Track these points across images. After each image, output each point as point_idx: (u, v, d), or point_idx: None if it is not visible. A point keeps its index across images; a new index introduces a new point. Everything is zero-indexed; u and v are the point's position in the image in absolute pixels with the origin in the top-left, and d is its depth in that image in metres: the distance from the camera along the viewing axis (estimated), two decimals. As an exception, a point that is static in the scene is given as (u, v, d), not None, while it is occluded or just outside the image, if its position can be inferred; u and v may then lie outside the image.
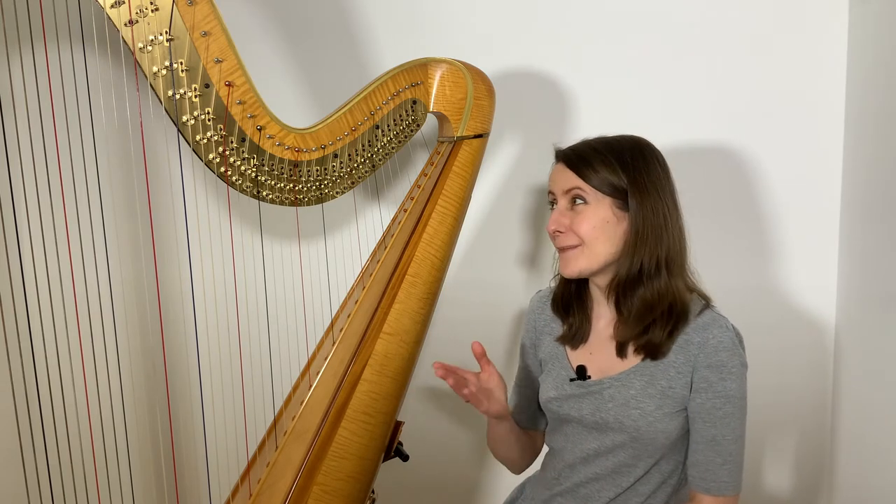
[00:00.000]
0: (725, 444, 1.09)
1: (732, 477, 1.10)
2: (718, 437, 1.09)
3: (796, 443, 1.54)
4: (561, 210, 1.14)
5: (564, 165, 1.14)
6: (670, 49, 1.49)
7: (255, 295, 1.49)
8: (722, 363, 1.08)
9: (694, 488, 1.12)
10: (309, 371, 1.23)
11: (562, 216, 1.13)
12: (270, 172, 1.16)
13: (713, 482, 1.10)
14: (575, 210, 1.13)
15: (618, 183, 1.11)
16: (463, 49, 1.43)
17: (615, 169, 1.11)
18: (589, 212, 1.12)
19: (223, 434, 1.46)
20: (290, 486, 1.11)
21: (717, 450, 1.09)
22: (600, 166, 1.11)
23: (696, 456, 1.11)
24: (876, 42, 1.31)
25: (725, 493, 1.10)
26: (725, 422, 1.08)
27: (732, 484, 1.10)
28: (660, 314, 1.11)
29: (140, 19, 0.99)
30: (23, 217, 1.20)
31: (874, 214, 1.32)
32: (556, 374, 1.21)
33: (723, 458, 1.09)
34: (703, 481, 1.10)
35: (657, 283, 1.11)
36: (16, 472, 1.24)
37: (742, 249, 1.51)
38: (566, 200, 1.14)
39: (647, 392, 1.10)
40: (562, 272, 1.16)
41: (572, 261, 1.13)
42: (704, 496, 1.10)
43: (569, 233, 1.12)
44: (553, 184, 1.17)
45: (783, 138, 1.46)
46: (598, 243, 1.11)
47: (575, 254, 1.13)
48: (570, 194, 1.13)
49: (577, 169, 1.12)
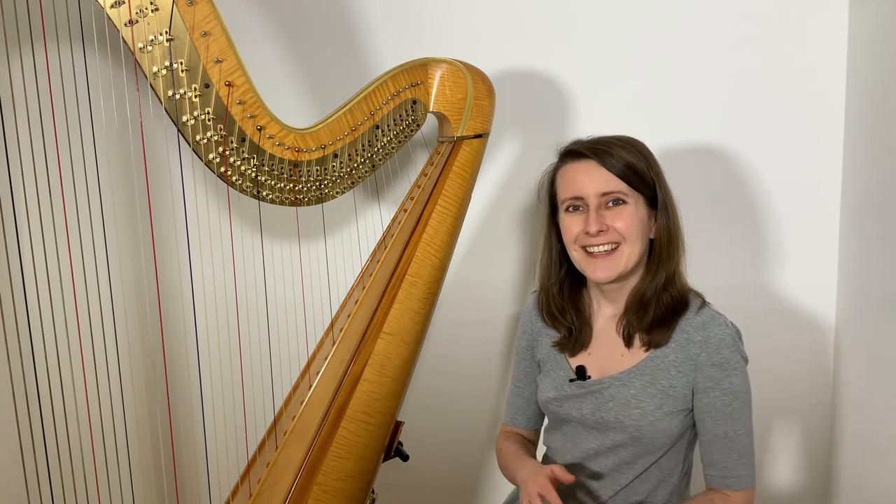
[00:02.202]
0: (738, 440, 1.09)
1: (749, 469, 1.11)
2: (731, 433, 1.09)
3: (797, 442, 1.54)
4: (596, 210, 1.10)
5: (597, 164, 1.10)
6: (670, 49, 1.49)
7: (255, 295, 1.49)
8: (725, 360, 1.08)
9: (716, 486, 1.12)
10: (309, 371, 1.23)
11: (599, 216, 1.10)
12: (270, 172, 1.16)
13: (733, 478, 1.10)
14: (611, 209, 1.10)
15: (649, 180, 1.11)
16: (463, 49, 1.43)
17: (645, 166, 1.11)
18: (629, 210, 1.10)
19: (223, 434, 1.46)
20: (290, 486, 1.11)
21: (731, 446, 1.10)
22: (635, 162, 1.10)
23: (712, 455, 1.11)
24: (876, 42, 1.31)
25: (745, 486, 1.11)
26: (735, 417, 1.09)
27: (750, 476, 1.11)
28: (668, 308, 1.12)
29: (140, 19, 0.99)
30: (23, 217, 1.20)
31: (874, 215, 1.32)
32: (555, 375, 1.20)
33: (738, 453, 1.10)
34: (724, 479, 1.11)
35: (676, 286, 1.13)
36: (16, 472, 1.24)
37: (743, 250, 1.51)
38: (601, 201, 1.10)
39: (647, 391, 1.10)
40: (596, 276, 1.12)
41: (612, 263, 1.10)
42: (729, 493, 1.11)
43: (610, 231, 1.10)
44: (581, 186, 1.11)
45: (783, 139, 1.46)
46: (636, 242, 1.11)
47: (615, 256, 1.10)
48: (608, 197, 1.10)
49: (613, 168, 1.09)
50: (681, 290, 1.13)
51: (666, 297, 1.12)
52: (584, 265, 1.13)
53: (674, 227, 1.13)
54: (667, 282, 1.12)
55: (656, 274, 1.12)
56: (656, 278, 1.12)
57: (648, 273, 1.14)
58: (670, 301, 1.12)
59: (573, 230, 1.12)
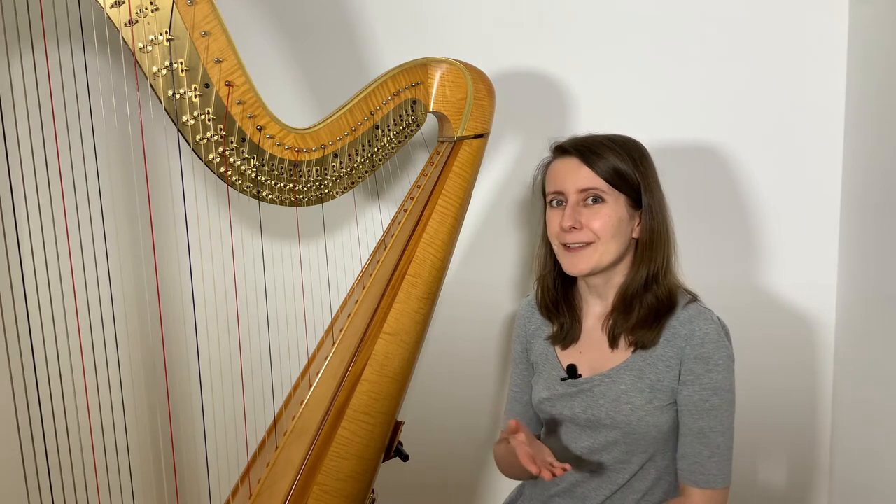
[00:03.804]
0: (713, 437, 1.09)
1: (721, 469, 1.10)
2: (706, 429, 1.09)
3: (795, 441, 1.54)
4: (574, 206, 1.12)
5: (580, 161, 1.12)
6: (670, 49, 1.49)
7: (255, 295, 1.49)
8: (708, 355, 1.08)
9: (683, 481, 1.12)
10: (309, 371, 1.23)
11: (576, 213, 1.12)
12: (270, 172, 1.16)
13: (701, 475, 1.10)
14: (589, 207, 1.12)
15: (633, 181, 1.11)
16: (463, 49, 1.43)
17: (630, 167, 1.11)
18: (606, 210, 1.11)
19: (223, 434, 1.46)
20: (290, 486, 1.11)
21: (704, 442, 1.09)
22: (619, 164, 1.11)
23: (684, 448, 1.11)
24: (876, 42, 1.31)
25: (713, 486, 1.10)
26: (712, 414, 1.09)
27: (721, 476, 1.10)
28: (652, 309, 1.12)
29: (140, 19, 0.99)
30: (23, 217, 1.20)
31: (874, 214, 1.32)
32: (548, 375, 1.21)
33: (710, 450, 1.09)
34: (692, 474, 1.10)
35: (663, 286, 1.12)
36: (16, 472, 1.24)
37: (742, 249, 1.51)
38: (580, 198, 1.12)
39: (636, 386, 1.11)
40: (570, 270, 1.14)
41: (584, 258, 1.12)
42: (693, 489, 1.10)
43: (584, 229, 1.11)
44: (562, 181, 1.14)
45: (783, 138, 1.46)
46: (612, 241, 1.11)
47: (588, 252, 1.12)
48: (587, 193, 1.12)
49: (595, 166, 1.11)
50: (667, 291, 1.13)
51: (650, 297, 1.12)
52: (561, 258, 1.16)
53: (657, 228, 1.13)
54: (649, 281, 1.12)
55: (637, 273, 1.13)
56: (637, 277, 1.13)
57: (631, 269, 1.15)
58: (654, 302, 1.12)
59: (554, 225, 1.15)
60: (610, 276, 1.16)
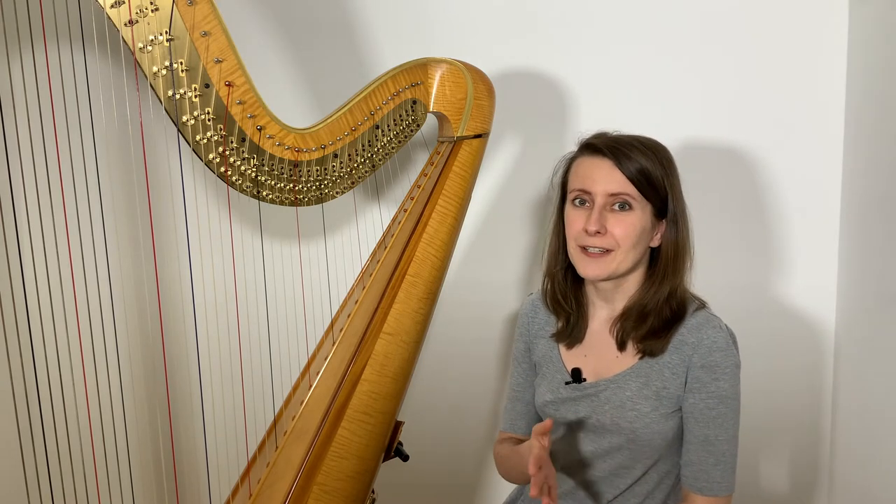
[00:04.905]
0: (718, 445, 1.09)
1: (725, 477, 1.09)
2: (711, 437, 1.08)
3: (796, 443, 1.54)
4: (601, 210, 1.08)
5: (613, 164, 1.07)
6: (670, 50, 1.49)
7: (255, 295, 1.49)
8: (716, 363, 1.08)
9: (687, 488, 1.12)
10: (309, 371, 1.23)
11: (602, 217, 1.08)
12: (270, 172, 1.16)
13: (705, 482, 1.09)
14: (615, 213, 1.08)
15: (662, 190, 1.09)
16: (463, 49, 1.43)
17: (661, 174, 1.08)
18: (632, 218, 1.08)
19: (223, 434, 1.46)
20: (290, 486, 1.11)
21: (709, 450, 1.09)
22: (651, 170, 1.07)
23: (689, 455, 1.11)
24: (876, 42, 1.31)
25: (717, 494, 1.09)
26: (718, 422, 1.08)
27: (725, 484, 1.10)
28: (666, 321, 1.11)
29: (140, 19, 0.99)
30: (23, 217, 1.20)
31: (874, 215, 1.32)
32: (552, 378, 1.20)
33: (715, 458, 1.09)
34: (696, 481, 1.10)
35: (679, 297, 1.11)
36: (16, 472, 1.24)
37: (742, 250, 1.51)
38: (608, 202, 1.08)
39: (642, 393, 1.10)
40: (584, 273, 1.12)
41: (602, 265, 1.09)
42: (697, 496, 1.10)
43: (607, 235, 1.08)
44: (591, 182, 1.09)
45: (783, 139, 1.46)
46: (632, 251, 1.09)
47: (606, 259, 1.09)
48: (616, 199, 1.08)
49: (627, 171, 1.07)
50: (681, 302, 1.12)
51: (666, 309, 1.11)
52: (576, 260, 1.13)
53: (682, 241, 1.11)
54: (670, 295, 1.11)
55: (660, 286, 1.11)
56: (660, 291, 1.11)
57: (652, 284, 1.12)
58: (669, 314, 1.11)
59: (576, 225, 1.11)
60: (621, 282, 1.14)
